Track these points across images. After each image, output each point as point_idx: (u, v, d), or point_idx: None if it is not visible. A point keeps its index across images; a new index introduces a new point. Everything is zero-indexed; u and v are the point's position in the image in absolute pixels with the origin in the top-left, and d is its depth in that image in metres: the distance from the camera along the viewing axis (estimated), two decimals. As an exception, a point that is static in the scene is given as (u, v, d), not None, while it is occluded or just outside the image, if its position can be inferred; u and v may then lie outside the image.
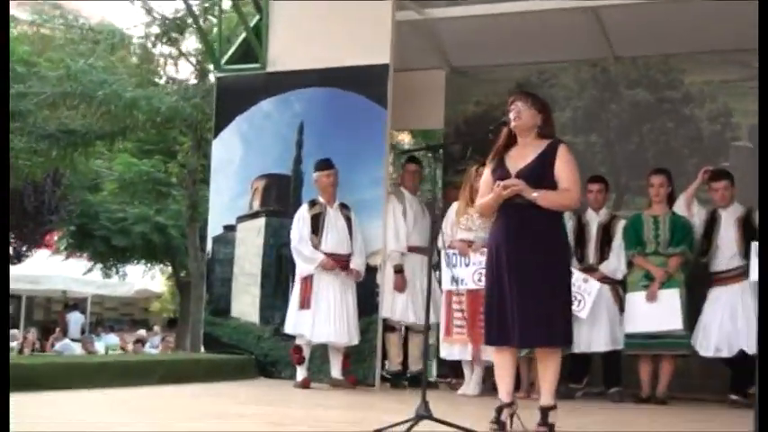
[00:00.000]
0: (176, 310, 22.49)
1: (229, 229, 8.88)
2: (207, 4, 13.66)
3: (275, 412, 5.68)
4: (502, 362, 5.02)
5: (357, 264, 7.84)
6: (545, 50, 9.43)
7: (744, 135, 8.90)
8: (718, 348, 7.42)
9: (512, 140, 5.21)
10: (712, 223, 7.60)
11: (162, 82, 15.84)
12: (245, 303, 8.67)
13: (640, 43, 9.13)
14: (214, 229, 8.98)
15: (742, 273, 7.37)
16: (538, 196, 4.92)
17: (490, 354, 7.42)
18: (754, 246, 7.04)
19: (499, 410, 4.94)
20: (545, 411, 4.92)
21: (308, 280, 7.70)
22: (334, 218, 7.84)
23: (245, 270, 8.73)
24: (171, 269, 19.60)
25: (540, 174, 5.02)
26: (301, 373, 7.76)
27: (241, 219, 8.82)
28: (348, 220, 7.90)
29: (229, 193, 8.91)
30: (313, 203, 7.92)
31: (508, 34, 9.29)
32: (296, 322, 7.73)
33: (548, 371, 5.00)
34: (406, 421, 4.31)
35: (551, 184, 5.00)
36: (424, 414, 4.34)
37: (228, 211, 8.90)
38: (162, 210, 17.13)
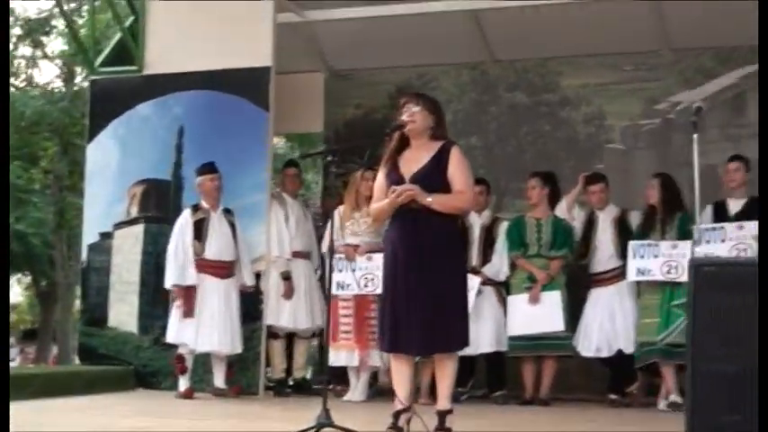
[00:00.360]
0: (35, 321, 21.87)
1: (106, 236, 8.60)
2: (73, 5, 13.30)
3: (166, 424, 5.50)
4: (399, 367, 4.96)
5: (246, 277, 7.74)
6: (425, 53, 9.46)
7: (617, 137, 9.11)
8: (599, 348, 7.57)
9: (404, 143, 5.16)
10: (590, 225, 7.74)
11: (22, 85, 15.36)
12: (123, 313, 8.41)
13: (518, 47, 9.25)
14: (89, 236, 8.69)
15: (619, 273, 7.51)
16: (432, 201, 4.89)
17: (377, 359, 7.47)
18: (631, 246, 7.23)
19: (396, 415, 4.89)
20: (443, 415, 4.91)
21: (191, 289, 7.51)
22: (218, 223, 7.68)
23: (122, 278, 8.47)
24: (30, 279, 19.03)
25: (434, 177, 4.98)
26: (184, 383, 7.57)
27: (118, 225, 8.56)
28: (232, 225, 7.74)
29: (105, 199, 8.64)
30: (196, 208, 7.73)
31: (388, 37, 9.29)
32: (178, 331, 7.54)
33: (445, 375, 4.98)
34: (308, 429, 4.21)
35: (445, 187, 4.98)
36: (326, 422, 4.26)
37: (104, 218, 8.62)
38: (22, 217, 16.58)
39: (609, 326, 7.53)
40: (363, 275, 7.40)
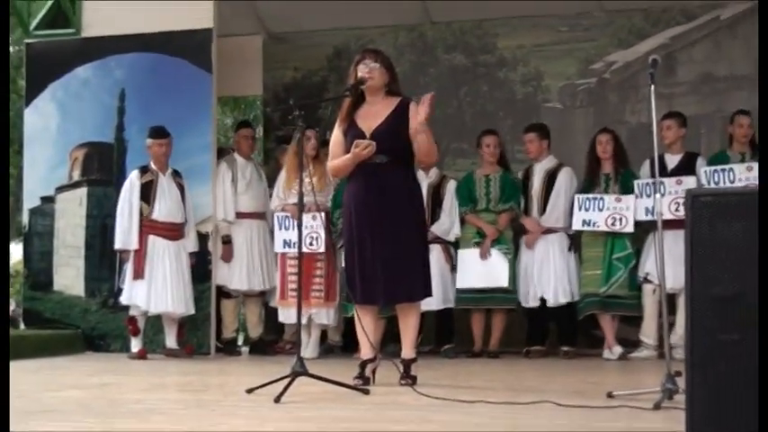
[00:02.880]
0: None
1: (47, 200, 8.55)
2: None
3: (133, 380, 5.56)
4: (364, 319, 5.06)
5: (189, 243, 7.80)
6: (363, 16, 9.51)
7: (554, 97, 9.31)
8: (541, 298, 7.74)
9: (359, 100, 5.24)
10: (527, 179, 7.90)
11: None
12: (69, 276, 8.39)
13: (455, 8, 9.36)
14: (30, 201, 8.63)
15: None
16: (421, 127, 4.99)
17: (323, 317, 7.58)
18: (577, 198, 7.44)
19: (363, 365, 5.02)
20: (407, 364, 5.04)
21: (139, 251, 7.54)
22: (167, 186, 7.70)
23: (66, 242, 8.44)
24: (-41, 247, 18.66)
25: (396, 132, 5.08)
26: (137, 344, 7.61)
27: (60, 189, 8.51)
28: (181, 187, 7.78)
29: (46, 163, 8.58)
30: (144, 170, 7.74)
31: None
32: (130, 293, 7.56)
33: (409, 325, 5.11)
34: (284, 378, 4.31)
35: (406, 142, 5.09)
36: (300, 370, 4.36)
37: (46, 182, 8.56)
38: (-53, 186, 16.25)
39: (541, 276, 7.70)
40: (308, 234, 7.47)
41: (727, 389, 2.44)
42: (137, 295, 7.53)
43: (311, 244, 7.54)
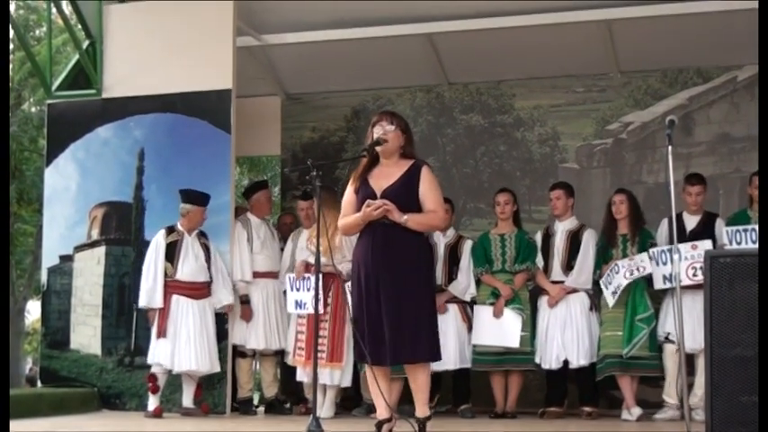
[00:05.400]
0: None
1: (66, 258, 8.59)
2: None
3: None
4: (378, 378, 5.05)
5: (224, 295, 7.82)
6: (380, 76, 9.63)
7: (571, 157, 9.33)
8: (558, 360, 7.68)
9: (374, 160, 5.28)
10: (548, 238, 7.87)
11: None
12: (86, 335, 8.39)
13: (473, 70, 9.45)
14: (49, 259, 8.67)
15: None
16: (408, 219, 5.03)
17: (326, 377, 7.49)
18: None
19: (379, 426, 5.00)
20: (422, 422, 5.03)
21: (163, 309, 7.56)
22: (191, 246, 7.73)
23: (84, 301, 8.46)
24: (-21, 306, 18.74)
25: (405, 194, 5.13)
26: (154, 402, 7.58)
27: (79, 248, 8.55)
28: (206, 248, 7.81)
29: (65, 222, 8.62)
30: (171, 230, 7.78)
31: (343, 61, 9.47)
32: (153, 351, 7.57)
33: (418, 384, 5.11)
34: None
35: (416, 204, 5.13)
36: (316, 430, 4.34)
37: (65, 241, 8.60)
38: (-32, 245, 16.36)
39: (564, 337, 7.65)
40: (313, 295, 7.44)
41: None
42: (160, 354, 7.52)
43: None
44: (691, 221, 7.46)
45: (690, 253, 7.09)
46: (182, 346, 7.51)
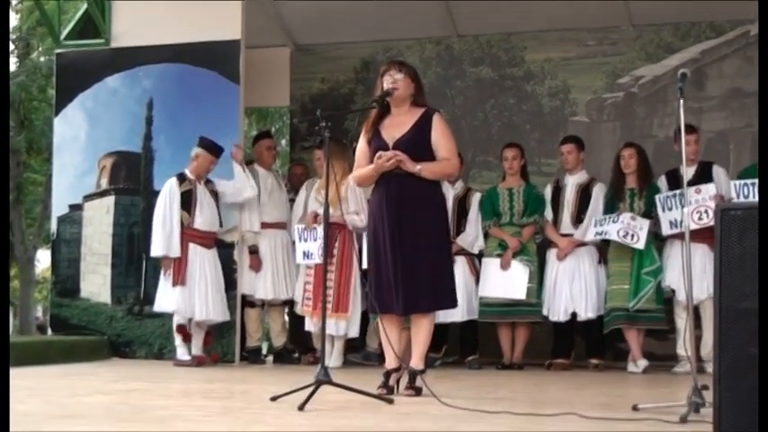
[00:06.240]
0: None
1: (75, 208, 8.62)
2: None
3: (159, 387, 5.57)
4: (388, 329, 5.07)
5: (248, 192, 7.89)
6: (390, 28, 9.55)
7: (581, 110, 9.28)
8: (566, 313, 7.71)
9: (384, 110, 5.26)
10: (558, 191, 7.86)
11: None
12: (95, 284, 8.46)
13: (482, 22, 9.36)
14: (59, 208, 8.71)
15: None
16: (422, 169, 5.02)
17: (332, 328, 7.52)
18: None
19: (387, 375, 5.02)
20: (413, 374, 5.02)
21: (181, 258, 7.57)
22: (203, 194, 7.74)
23: (93, 250, 8.51)
24: (-14, 254, 18.85)
25: (418, 143, 5.10)
26: (185, 350, 7.60)
27: (88, 197, 8.58)
28: (215, 195, 7.81)
29: (74, 171, 8.66)
30: (182, 179, 7.75)
31: (353, 12, 9.37)
32: (167, 300, 7.59)
33: (420, 334, 5.12)
34: (307, 387, 4.32)
35: (429, 153, 5.11)
36: (324, 379, 4.37)
37: (74, 190, 8.64)
38: (-24, 194, 16.42)
39: (572, 290, 7.67)
40: (322, 245, 7.46)
41: (756, 402, 2.42)
42: (177, 302, 7.53)
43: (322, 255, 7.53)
44: (688, 172, 7.43)
45: (694, 197, 7.10)
46: (200, 295, 7.55)
